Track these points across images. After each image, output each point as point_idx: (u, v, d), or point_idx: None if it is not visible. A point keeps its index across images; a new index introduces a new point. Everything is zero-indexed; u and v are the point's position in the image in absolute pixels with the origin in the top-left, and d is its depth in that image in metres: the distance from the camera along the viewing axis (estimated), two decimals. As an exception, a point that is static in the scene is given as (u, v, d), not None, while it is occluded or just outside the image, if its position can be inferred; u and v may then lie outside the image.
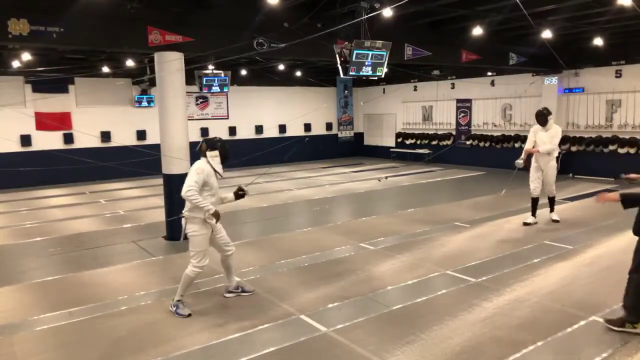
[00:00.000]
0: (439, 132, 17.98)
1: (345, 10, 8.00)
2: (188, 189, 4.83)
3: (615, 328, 4.41)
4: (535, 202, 8.39)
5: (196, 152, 5.25)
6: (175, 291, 5.17)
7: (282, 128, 19.32)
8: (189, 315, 5.05)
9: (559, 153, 8.77)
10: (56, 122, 14.86)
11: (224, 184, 14.82)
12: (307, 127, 20.01)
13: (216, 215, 5.00)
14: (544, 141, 8.10)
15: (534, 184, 8.30)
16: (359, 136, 21.46)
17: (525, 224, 8.32)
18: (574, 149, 14.04)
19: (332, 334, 4.57)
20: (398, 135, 19.60)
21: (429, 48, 10.63)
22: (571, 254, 6.80)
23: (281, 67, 15.90)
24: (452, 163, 17.08)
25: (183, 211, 5.10)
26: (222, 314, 5.10)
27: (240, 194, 5.39)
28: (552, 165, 8.27)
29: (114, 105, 15.92)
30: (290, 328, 4.72)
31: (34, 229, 9.20)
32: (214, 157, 5.06)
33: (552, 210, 8.64)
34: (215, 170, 5.08)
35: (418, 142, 18.73)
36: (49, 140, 14.80)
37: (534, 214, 8.41)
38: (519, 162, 8.10)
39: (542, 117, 8.17)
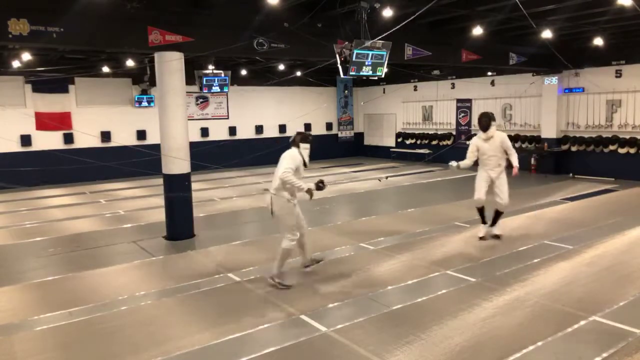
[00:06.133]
0: (439, 132, 17.97)
1: (345, 10, 8.00)
2: (284, 171, 5.47)
3: None
4: (481, 210, 7.57)
5: (288, 142, 5.89)
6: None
7: (282, 128, 19.31)
8: (290, 286, 5.61)
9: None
10: (56, 122, 14.85)
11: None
12: (307, 127, 20.00)
13: (309, 192, 5.69)
14: (489, 154, 7.28)
15: (479, 194, 7.36)
16: (359, 136, 21.46)
17: (482, 238, 7.47)
18: (574, 149, 14.04)
19: (332, 334, 4.57)
20: (398, 135, 19.60)
21: (429, 48, 10.63)
22: (571, 254, 6.80)
23: (281, 67, 15.89)
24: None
25: (270, 189, 5.73)
26: (222, 314, 5.10)
27: (320, 185, 5.86)
28: (504, 176, 7.35)
29: (114, 105, 15.92)
30: (290, 328, 4.72)
31: (34, 229, 9.20)
32: (305, 149, 5.81)
33: (494, 223, 7.56)
34: (304, 161, 5.76)
35: (418, 142, 18.73)
36: (49, 140, 14.80)
37: (484, 222, 7.59)
38: (453, 163, 7.40)
39: (486, 119, 7.29)
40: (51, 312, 5.23)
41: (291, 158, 5.62)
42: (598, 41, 10.97)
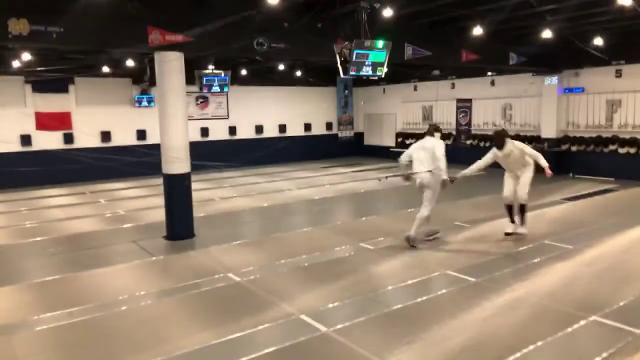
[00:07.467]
0: (439, 132, 17.94)
1: (345, 10, 8.00)
2: (443, 154, 6.98)
3: None
4: (510, 208, 7.72)
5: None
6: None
7: (282, 128, 19.31)
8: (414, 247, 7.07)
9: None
10: (56, 122, 14.85)
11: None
12: (307, 127, 20.00)
13: (448, 179, 7.02)
14: (511, 167, 7.58)
15: (506, 192, 7.68)
16: (359, 136, 21.45)
17: (507, 234, 7.64)
18: (574, 148, 14.05)
19: (332, 334, 4.57)
20: (398, 135, 19.57)
21: (429, 48, 10.63)
22: (571, 254, 6.79)
23: (281, 67, 15.89)
24: (452, 163, 16.95)
25: (423, 168, 7.12)
26: (222, 313, 5.10)
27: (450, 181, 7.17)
28: (528, 172, 7.50)
29: (114, 105, 15.91)
30: (290, 328, 4.72)
31: (34, 229, 9.20)
32: (439, 137, 7.29)
33: (522, 221, 7.65)
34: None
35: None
36: (49, 140, 14.79)
37: (512, 220, 7.70)
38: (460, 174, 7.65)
39: (500, 139, 7.42)
40: (51, 312, 5.23)
41: (442, 146, 7.03)
42: (598, 41, 10.96)
